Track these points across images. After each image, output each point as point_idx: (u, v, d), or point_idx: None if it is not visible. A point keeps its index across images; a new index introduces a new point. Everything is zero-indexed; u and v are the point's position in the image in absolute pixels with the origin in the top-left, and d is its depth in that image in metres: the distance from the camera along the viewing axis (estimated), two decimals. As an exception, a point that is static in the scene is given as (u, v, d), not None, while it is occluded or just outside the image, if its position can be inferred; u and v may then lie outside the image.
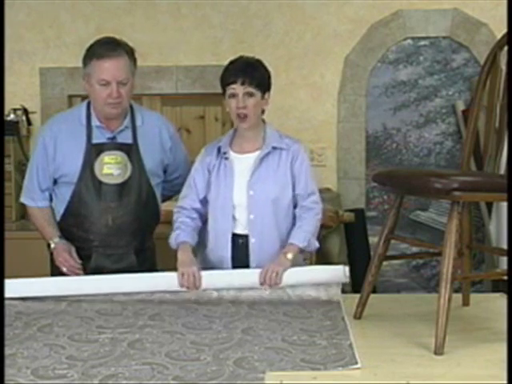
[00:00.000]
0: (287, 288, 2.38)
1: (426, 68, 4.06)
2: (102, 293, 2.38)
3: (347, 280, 2.37)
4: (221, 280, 2.40)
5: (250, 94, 2.42)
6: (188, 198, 2.56)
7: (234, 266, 2.50)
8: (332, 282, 2.39)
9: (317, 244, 2.52)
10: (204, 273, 2.39)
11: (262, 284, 2.37)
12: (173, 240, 2.50)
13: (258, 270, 2.39)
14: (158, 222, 2.76)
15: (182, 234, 2.49)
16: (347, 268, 2.38)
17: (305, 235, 2.45)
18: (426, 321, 2.12)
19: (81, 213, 2.59)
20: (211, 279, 2.39)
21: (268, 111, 2.59)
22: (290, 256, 2.39)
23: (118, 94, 2.47)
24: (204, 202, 2.55)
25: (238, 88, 2.41)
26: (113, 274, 2.48)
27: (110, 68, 2.45)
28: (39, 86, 4.16)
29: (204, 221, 2.57)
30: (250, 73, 2.42)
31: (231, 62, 2.48)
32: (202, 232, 2.57)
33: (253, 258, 2.48)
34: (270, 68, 2.53)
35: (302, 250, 2.47)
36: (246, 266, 2.49)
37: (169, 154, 2.72)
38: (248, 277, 2.39)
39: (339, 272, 2.38)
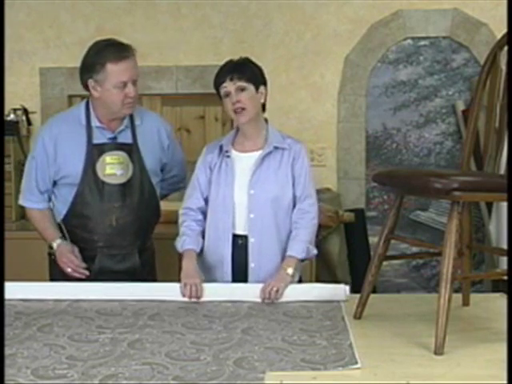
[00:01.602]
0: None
1: (426, 68, 4.06)
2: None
3: (347, 299, 2.37)
4: (222, 293, 2.40)
5: (242, 88, 2.43)
6: (193, 198, 2.57)
7: (233, 267, 2.50)
8: (332, 301, 2.39)
9: (315, 251, 2.54)
10: (206, 285, 2.41)
11: (263, 300, 2.37)
12: (179, 245, 2.52)
13: (260, 285, 2.40)
14: (159, 220, 2.77)
15: (187, 240, 2.50)
16: (348, 287, 2.40)
17: (302, 246, 2.47)
18: (426, 321, 2.12)
19: (84, 214, 2.59)
20: (213, 292, 2.40)
21: (268, 111, 2.60)
22: (290, 271, 2.41)
23: (135, 92, 2.51)
24: (208, 200, 2.55)
25: (229, 85, 2.43)
26: (114, 282, 2.47)
27: (126, 69, 2.48)
28: (39, 86, 4.16)
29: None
30: (238, 69, 2.45)
31: (221, 67, 2.51)
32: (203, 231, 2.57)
33: (251, 258, 2.48)
34: (269, 68, 2.54)
35: (301, 260, 2.49)
36: (245, 266, 2.50)
37: (167, 153, 2.74)
38: (249, 291, 2.40)
39: (340, 291, 2.39)
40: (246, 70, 2.46)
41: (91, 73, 2.51)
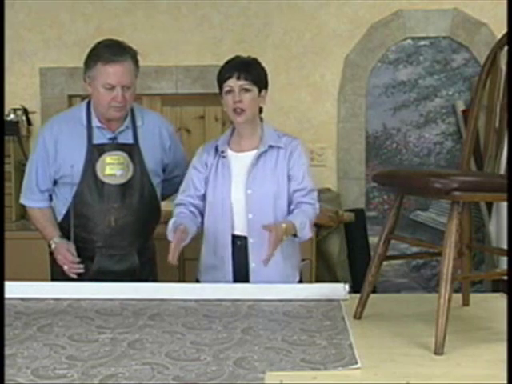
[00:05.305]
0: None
1: (426, 68, 4.06)
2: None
3: (347, 297, 2.36)
4: (222, 292, 2.40)
5: (246, 89, 2.42)
6: (185, 195, 2.54)
7: (234, 267, 2.50)
8: (332, 300, 2.39)
9: (310, 234, 2.47)
10: (206, 285, 2.43)
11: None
12: (170, 225, 2.42)
13: (260, 285, 2.39)
14: (159, 221, 2.77)
15: (178, 221, 2.43)
16: (347, 285, 2.39)
17: (302, 220, 2.39)
18: (426, 321, 2.12)
19: (83, 214, 2.59)
20: (216, 291, 2.40)
21: (268, 111, 2.60)
22: (283, 225, 2.31)
23: (122, 98, 2.49)
24: (202, 198, 2.54)
25: (234, 83, 2.42)
26: (114, 282, 2.47)
27: (115, 73, 2.46)
28: (39, 86, 4.16)
29: (202, 220, 2.56)
30: (246, 68, 2.43)
31: (227, 62, 2.49)
32: (202, 233, 2.56)
33: (252, 258, 2.48)
34: (269, 68, 2.53)
35: (295, 235, 2.40)
36: (246, 266, 2.49)
37: (168, 153, 2.73)
38: (248, 290, 2.40)
39: (339, 289, 2.39)
40: (253, 71, 2.44)
41: (87, 68, 2.52)
